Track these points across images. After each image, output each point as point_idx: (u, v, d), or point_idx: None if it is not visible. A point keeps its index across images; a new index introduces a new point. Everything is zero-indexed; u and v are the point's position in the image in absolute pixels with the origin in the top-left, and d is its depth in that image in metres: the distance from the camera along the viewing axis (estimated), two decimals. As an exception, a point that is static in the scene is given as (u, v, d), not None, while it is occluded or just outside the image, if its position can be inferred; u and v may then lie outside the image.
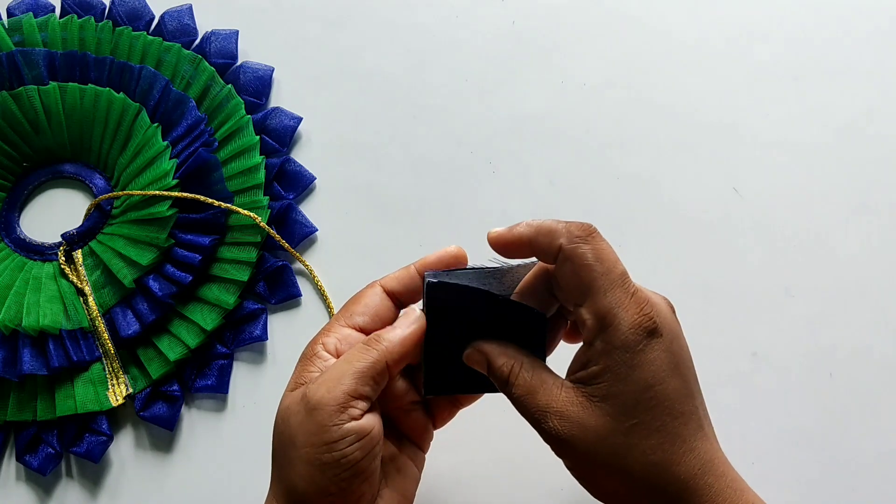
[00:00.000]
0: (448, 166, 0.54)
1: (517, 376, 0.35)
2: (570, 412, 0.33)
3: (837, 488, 0.47)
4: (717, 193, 0.53)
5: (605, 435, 0.32)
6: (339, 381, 0.34)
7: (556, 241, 0.33)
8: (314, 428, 0.33)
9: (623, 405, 0.32)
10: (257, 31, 0.57)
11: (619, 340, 0.32)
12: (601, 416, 0.32)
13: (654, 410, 0.32)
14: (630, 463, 0.32)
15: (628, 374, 0.32)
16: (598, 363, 0.32)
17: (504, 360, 0.35)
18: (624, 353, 0.32)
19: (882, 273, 0.51)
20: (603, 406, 0.32)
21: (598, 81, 0.56)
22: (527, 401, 0.34)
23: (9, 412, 0.49)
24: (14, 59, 0.53)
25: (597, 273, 0.33)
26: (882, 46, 0.56)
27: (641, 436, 0.32)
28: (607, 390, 0.32)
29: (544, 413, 0.33)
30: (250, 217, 0.51)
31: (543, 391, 0.34)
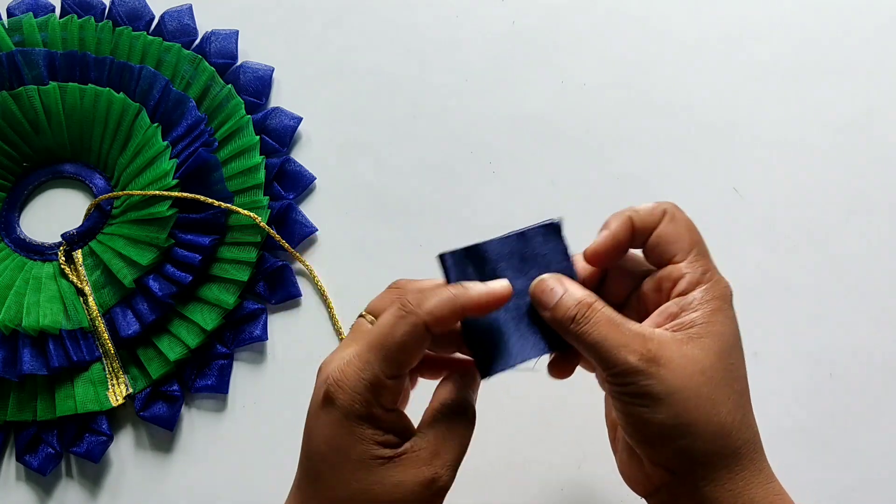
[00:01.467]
0: (448, 166, 0.54)
1: (597, 308, 0.34)
2: (669, 343, 0.33)
3: (837, 488, 0.47)
4: (717, 193, 0.53)
5: (707, 366, 0.33)
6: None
7: (657, 209, 0.36)
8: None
9: (723, 344, 0.34)
10: (257, 31, 0.57)
11: (719, 291, 0.35)
12: (704, 350, 0.33)
13: (742, 359, 0.35)
14: (723, 398, 0.33)
15: (726, 320, 0.34)
16: (697, 309, 0.34)
17: (585, 293, 0.34)
18: (723, 302, 0.34)
19: (882, 273, 0.51)
20: (705, 342, 0.33)
21: (598, 81, 0.56)
22: (609, 329, 0.33)
23: (9, 412, 0.49)
24: (14, 59, 0.53)
25: (697, 236, 0.36)
26: (882, 46, 0.56)
27: (735, 377, 0.34)
28: (710, 329, 0.34)
29: (638, 339, 0.33)
30: (250, 217, 0.51)
31: (631, 324, 0.34)
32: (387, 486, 0.33)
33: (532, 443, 0.48)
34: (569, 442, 0.48)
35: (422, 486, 0.33)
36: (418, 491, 0.33)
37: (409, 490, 0.33)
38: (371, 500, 0.33)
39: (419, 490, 0.33)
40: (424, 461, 0.33)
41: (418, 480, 0.33)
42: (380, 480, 0.33)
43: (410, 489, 0.33)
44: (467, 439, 0.35)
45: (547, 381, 0.37)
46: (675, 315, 0.34)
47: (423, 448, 0.34)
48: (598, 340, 0.33)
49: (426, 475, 0.33)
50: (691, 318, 0.34)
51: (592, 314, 0.34)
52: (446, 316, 0.33)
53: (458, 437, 0.35)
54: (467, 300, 0.34)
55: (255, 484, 0.49)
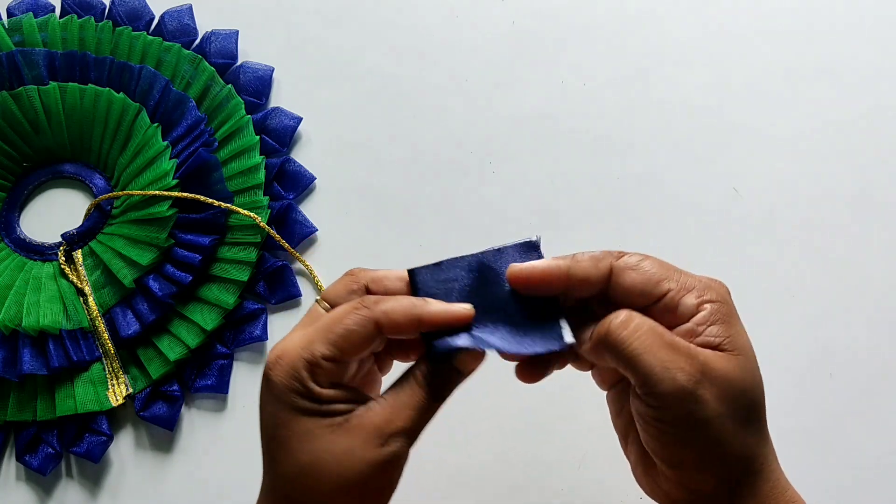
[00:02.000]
0: (448, 166, 0.54)
1: (636, 318, 0.32)
2: (716, 361, 0.32)
3: (837, 488, 0.47)
4: (717, 193, 0.53)
5: (746, 387, 0.32)
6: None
7: (602, 262, 0.34)
8: None
9: (751, 359, 0.33)
10: (257, 31, 0.57)
11: (720, 297, 0.34)
12: (741, 369, 0.32)
13: (757, 366, 0.34)
14: (755, 417, 0.32)
15: (740, 328, 0.33)
16: (714, 324, 0.33)
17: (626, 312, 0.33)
18: (728, 309, 0.34)
19: (882, 273, 0.51)
20: (739, 359, 0.32)
21: (598, 81, 0.56)
22: (654, 344, 0.31)
23: (9, 412, 0.49)
24: (14, 59, 0.53)
25: (659, 262, 0.34)
26: (882, 46, 0.56)
27: (761, 389, 0.33)
28: (734, 344, 0.32)
29: (687, 356, 0.31)
30: (250, 217, 0.51)
31: (678, 339, 0.32)
32: (336, 453, 0.32)
33: (532, 443, 0.48)
34: (569, 442, 0.48)
35: (372, 454, 0.32)
36: (369, 458, 0.32)
37: (359, 457, 0.32)
38: (323, 470, 0.32)
39: (370, 457, 0.32)
40: (375, 428, 0.32)
41: (368, 447, 0.32)
42: (328, 448, 0.32)
43: (360, 456, 0.32)
44: (426, 410, 0.34)
45: (547, 381, 0.37)
46: (697, 333, 0.32)
47: (377, 414, 0.33)
48: (640, 352, 0.31)
49: (375, 442, 0.32)
50: (714, 332, 0.32)
51: (634, 320, 0.32)
52: (400, 320, 0.33)
53: (415, 406, 0.33)
54: (425, 312, 0.33)
55: (255, 484, 0.49)
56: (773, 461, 0.33)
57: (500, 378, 0.39)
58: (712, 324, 0.33)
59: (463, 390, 0.51)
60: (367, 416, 0.33)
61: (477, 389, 0.49)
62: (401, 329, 0.33)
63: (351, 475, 0.32)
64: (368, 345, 0.33)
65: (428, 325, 0.33)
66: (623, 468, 0.37)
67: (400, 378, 0.34)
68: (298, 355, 0.33)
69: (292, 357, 0.33)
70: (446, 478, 0.48)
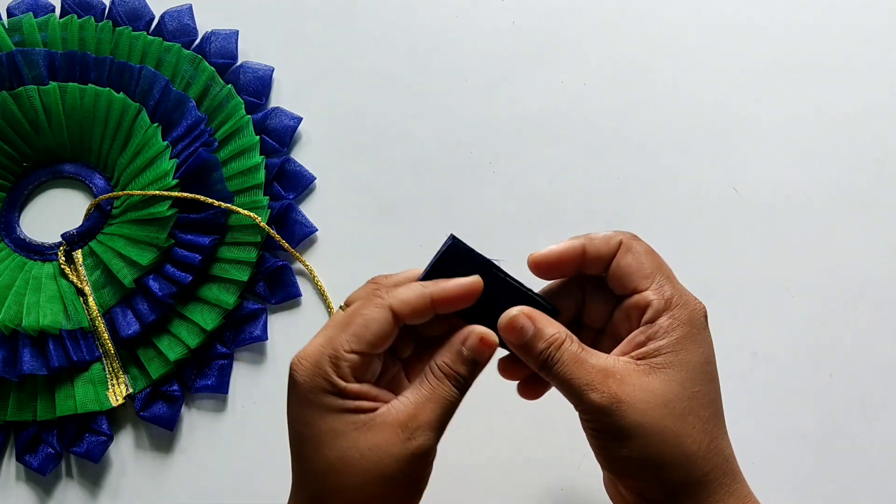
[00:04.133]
0: (448, 166, 0.54)
1: (565, 347, 0.34)
2: (632, 377, 0.33)
3: (837, 488, 0.47)
4: (717, 193, 0.53)
5: (670, 398, 0.33)
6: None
7: (613, 239, 0.36)
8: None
9: (688, 373, 0.33)
10: (257, 31, 0.57)
11: (686, 316, 0.34)
12: (666, 382, 0.33)
13: (711, 383, 0.34)
14: (688, 429, 0.33)
15: (693, 346, 0.34)
16: (663, 338, 0.34)
17: (555, 330, 0.35)
18: (690, 328, 0.34)
19: (882, 273, 0.51)
20: (668, 373, 0.33)
21: (598, 81, 0.56)
22: (575, 368, 0.33)
23: (9, 412, 0.49)
24: (14, 59, 0.53)
25: (658, 261, 0.36)
26: (882, 45, 0.56)
27: (701, 404, 0.33)
28: (674, 359, 0.33)
29: (600, 377, 0.33)
30: (250, 217, 0.51)
31: (596, 359, 0.34)
32: (362, 449, 0.33)
33: (532, 443, 0.48)
34: (569, 442, 0.48)
35: (398, 448, 0.33)
36: (395, 453, 0.33)
37: (385, 453, 0.33)
38: (350, 466, 0.33)
39: (396, 452, 0.33)
40: (400, 423, 0.33)
41: (393, 442, 0.33)
42: (354, 445, 0.33)
43: (386, 451, 0.33)
44: (451, 405, 0.34)
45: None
46: (642, 344, 0.34)
47: (400, 410, 0.33)
48: (566, 379, 0.34)
49: (401, 437, 0.33)
50: (657, 347, 0.34)
51: (561, 353, 0.34)
52: (414, 303, 0.34)
53: (440, 399, 0.34)
54: (436, 290, 0.35)
55: (255, 484, 0.49)
56: (727, 473, 0.34)
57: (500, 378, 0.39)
58: (662, 337, 0.34)
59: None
60: (390, 412, 0.33)
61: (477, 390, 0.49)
62: (416, 311, 0.34)
63: (378, 470, 0.32)
64: (388, 333, 0.34)
65: (440, 302, 0.35)
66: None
67: (421, 375, 0.35)
68: (321, 352, 0.34)
69: (315, 356, 0.34)
70: (446, 478, 0.48)
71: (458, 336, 0.35)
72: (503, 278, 0.36)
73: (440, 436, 0.34)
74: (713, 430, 0.34)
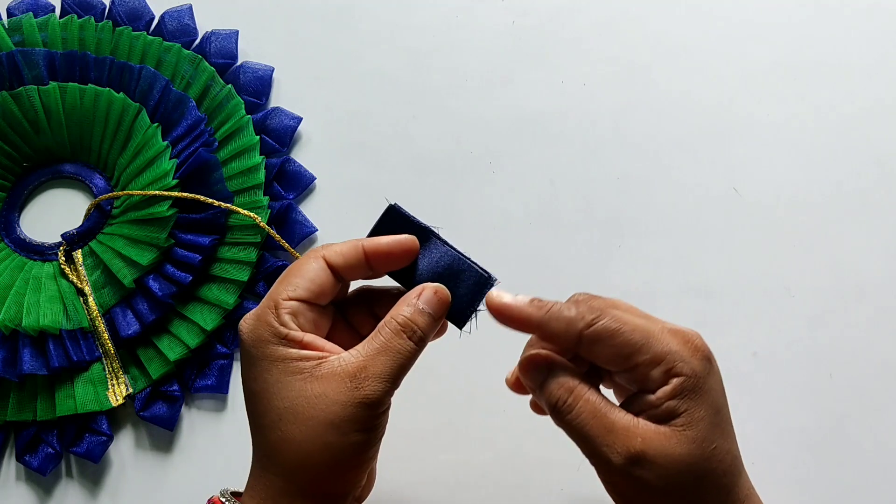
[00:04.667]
0: (448, 166, 0.54)
1: (581, 397, 0.33)
2: (655, 440, 0.32)
3: (837, 488, 0.47)
4: (717, 193, 0.53)
5: (691, 462, 0.32)
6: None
7: (573, 328, 0.33)
8: None
9: (703, 431, 0.32)
10: (257, 31, 0.57)
11: (689, 371, 0.32)
12: (687, 444, 0.32)
13: (725, 434, 0.33)
14: (707, 485, 0.33)
15: (702, 401, 0.33)
16: (673, 398, 0.32)
17: (571, 382, 0.33)
18: (695, 381, 0.33)
19: (882, 273, 0.51)
20: (687, 434, 0.32)
21: (598, 81, 0.56)
22: (594, 425, 0.33)
23: (9, 412, 0.49)
24: (14, 59, 0.53)
25: (630, 336, 0.33)
26: (883, 46, 0.55)
27: (718, 459, 0.33)
28: (689, 419, 0.32)
29: (622, 437, 0.32)
30: (250, 217, 0.51)
31: (617, 415, 0.33)
32: (310, 398, 0.33)
33: (532, 443, 0.48)
34: (569, 442, 0.48)
35: (345, 396, 0.33)
36: (342, 400, 0.33)
37: (333, 400, 0.33)
38: (298, 414, 0.33)
39: (343, 399, 0.33)
40: (349, 374, 0.33)
41: (341, 390, 0.33)
42: (301, 394, 0.33)
43: (334, 399, 0.33)
44: (405, 357, 0.34)
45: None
46: (656, 405, 0.33)
47: (350, 362, 0.34)
48: (582, 432, 0.33)
49: (349, 385, 0.33)
50: (671, 407, 0.32)
51: (576, 402, 0.33)
52: (346, 253, 0.35)
53: (393, 351, 0.34)
54: (368, 243, 0.36)
55: (255, 484, 0.49)
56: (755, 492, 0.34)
57: (500, 379, 0.39)
58: (673, 398, 0.32)
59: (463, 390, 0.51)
60: (340, 363, 0.34)
61: (477, 390, 0.49)
62: (351, 264, 0.35)
63: (325, 417, 0.33)
64: (324, 281, 0.35)
65: (372, 255, 0.36)
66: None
67: (374, 331, 0.35)
68: (262, 307, 0.35)
69: (257, 311, 0.35)
70: (446, 477, 0.48)
71: (412, 292, 0.36)
72: (442, 245, 0.37)
73: (393, 388, 0.34)
74: (736, 475, 0.33)
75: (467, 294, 0.36)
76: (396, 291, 0.38)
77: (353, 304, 0.39)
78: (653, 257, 0.52)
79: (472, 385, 0.49)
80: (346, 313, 0.38)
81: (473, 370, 0.49)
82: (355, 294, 0.39)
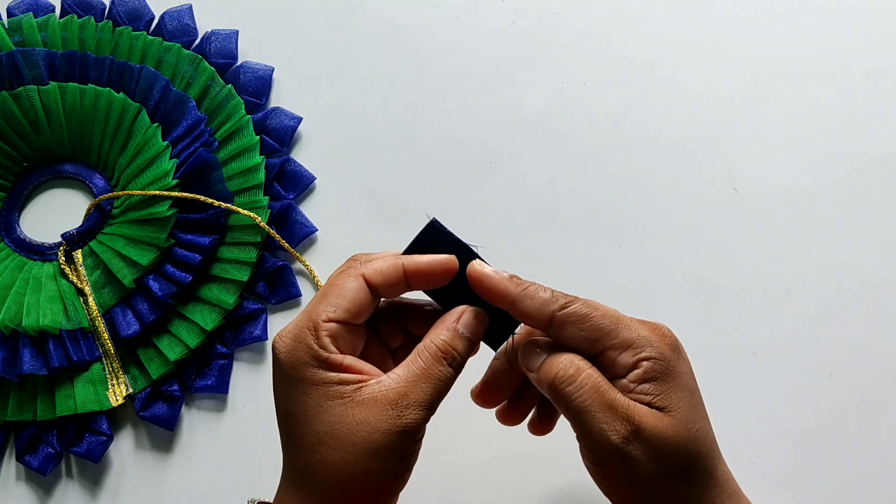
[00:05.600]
0: (448, 166, 0.54)
1: (583, 371, 0.33)
2: (650, 419, 0.33)
3: (837, 488, 0.47)
4: (717, 193, 0.53)
5: (680, 443, 0.33)
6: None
7: (546, 308, 0.34)
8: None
9: (685, 413, 0.33)
10: (257, 31, 0.57)
11: (657, 355, 0.33)
12: (676, 426, 0.33)
13: (703, 417, 0.34)
14: (691, 470, 0.33)
15: (675, 384, 0.33)
16: (645, 381, 0.33)
17: (575, 358, 0.34)
18: (665, 365, 0.33)
19: (882, 273, 0.51)
20: (673, 415, 0.33)
21: (598, 81, 0.56)
22: (594, 401, 0.33)
23: (9, 412, 0.49)
24: (14, 59, 0.53)
25: (600, 321, 0.34)
26: (882, 45, 0.55)
27: (701, 442, 0.33)
28: (668, 401, 0.33)
29: (621, 414, 0.32)
30: (250, 217, 0.51)
31: (616, 395, 0.33)
32: (350, 424, 0.32)
33: (532, 443, 0.48)
34: (569, 442, 0.48)
35: (387, 424, 0.32)
36: (384, 429, 0.32)
37: (374, 428, 0.32)
38: (338, 440, 0.32)
39: (385, 428, 0.32)
40: (390, 400, 0.33)
41: (383, 418, 0.32)
42: (342, 420, 0.32)
43: (375, 426, 0.32)
44: (444, 384, 0.34)
45: (547, 381, 0.37)
46: (629, 389, 0.33)
47: (391, 388, 0.33)
48: (582, 406, 0.33)
49: (391, 413, 0.32)
50: (646, 389, 0.33)
51: (578, 375, 0.33)
52: (386, 272, 0.35)
53: (433, 378, 0.34)
54: (408, 261, 0.35)
55: (255, 484, 0.49)
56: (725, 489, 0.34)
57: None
58: (645, 381, 0.33)
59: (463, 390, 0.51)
60: (381, 388, 0.33)
61: (477, 389, 0.49)
62: (390, 283, 0.35)
63: (366, 444, 0.32)
64: (363, 300, 0.34)
65: (412, 274, 0.35)
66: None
67: (412, 353, 0.35)
68: (300, 326, 0.34)
69: (294, 330, 0.34)
70: (446, 477, 0.48)
71: (451, 315, 0.35)
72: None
73: (431, 414, 0.34)
74: (716, 455, 0.34)
75: (504, 315, 0.36)
76: (430, 308, 0.37)
77: (381, 315, 0.38)
78: (653, 257, 0.52)
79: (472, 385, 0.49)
80: (374, 324, 0.38)
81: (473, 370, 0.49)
82: (384, 306, 0.38)
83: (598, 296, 0.36)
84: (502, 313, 0.36)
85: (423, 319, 0.37)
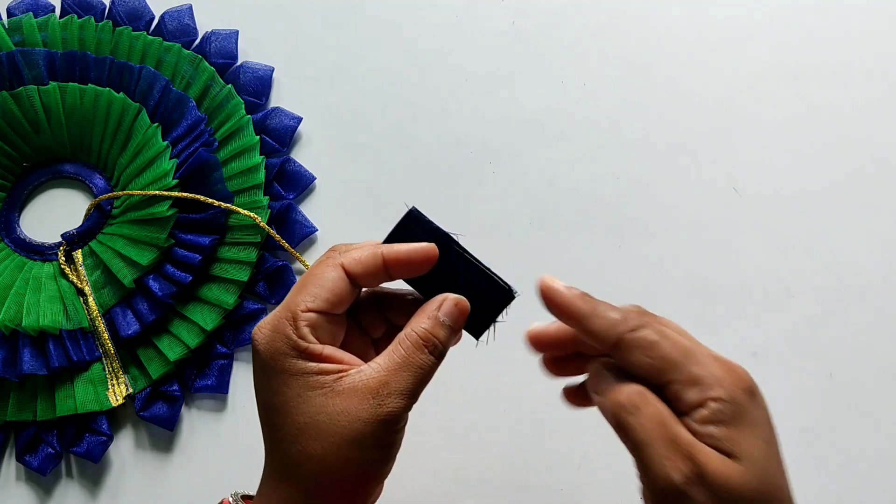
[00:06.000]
0: (448, 166, 0.54)
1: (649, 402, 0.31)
2: (718, 464, 0.30)
3: (837, 488, 0.47)
4: (717, 193, 0.53)
5: (751, 497, 0.30)
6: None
7: (613, 330, 0.32)
8: None
9: (761, 466, 0.30)
10: (257, 31, 0.57)
11: (728, 397, 0.30)
12: (748, 477, 0.30)
13: (779, 473, 0.31)
14: None
15: (749, 432, 0.31)
16: (712, 423, 0.30)
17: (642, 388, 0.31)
18: (735, 409, 0.30)
19: (882, 273, 0.51)
20: (746, 466, 0.30)
21: (598, 81, 0.56)
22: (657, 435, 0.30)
23: (9, 412, 0.49)
24: (14, 59, 0.53)
25: (669, 351, 0.31)
26: (882, 45, 0.55)
27: (777, 500, 0.31)
28: (738, 449, 0.30)
29: (685, 453, 0.30)
30: (250, 217, 0.51)
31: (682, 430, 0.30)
32: (331, 414, 0.32)
33: (532, 443, 0.48)
34: (569, 442, 0.48)
35: (368, 413, 0.32)
36: (365, 418, 0.32)
37: (355, 418, 0.32)
38: (320, 430, 0.32)
39: (366, 417, 0.32)
40: (370, 389, 0.32)
41: (363, 408, 0.32)
42: (323, 410, 0.32)
43: (356, 416, 0.32)
44: (425, 372, 0.34)
45: (546, 380, 0.37)
46: (693, 429, 0.30)
47: (371, 377, 0.33)
48: (644, 439, 0.30)
49: (371, 402, 0.32)
50: (713, 432, 0.30)
51: (644, 405, 0.31)
52: (365, 261, 0.34)
53: (414, 367, 0.33)
54: (388, 252, 0.35)
55: (255, 484, 0.49)
56: None
57: (501, 378, 0.39)
58: (711, 423, 0.30)
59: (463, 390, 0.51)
60: (359, 378, 0.33)
61: (477, 390, 0.49)
62: (369, 271, 0.34)
63: (347, 434, 0.32)
64: (342, 290, 0.34)
65: (392, 263, 0.34)
66: (623, 468, 0.37)
67: (393, 342, 0.34)
68: (278, 317, 0.34)
69: (273, 321, 0.34)
70: (447, 477, 0.48)
71: (432, 303, 0.35)
72: (461, 253, 0.36)
73: (413, 403, 0.34)
74: None
75: (486, 305, 0.35)
76: (410, 297, 0.37)
77: (362, 305, 0.38)
78: (653, 257, 0.52)
79: (472, 385, 0.49)
80: (355, 315, 0.38)
81: (473, 370, 0.49)
82: (366, 296, 0.38)
83: (597, 296, 0.35)
84: (484, 302, 0.35)
85: (404, 309, 0.36)
